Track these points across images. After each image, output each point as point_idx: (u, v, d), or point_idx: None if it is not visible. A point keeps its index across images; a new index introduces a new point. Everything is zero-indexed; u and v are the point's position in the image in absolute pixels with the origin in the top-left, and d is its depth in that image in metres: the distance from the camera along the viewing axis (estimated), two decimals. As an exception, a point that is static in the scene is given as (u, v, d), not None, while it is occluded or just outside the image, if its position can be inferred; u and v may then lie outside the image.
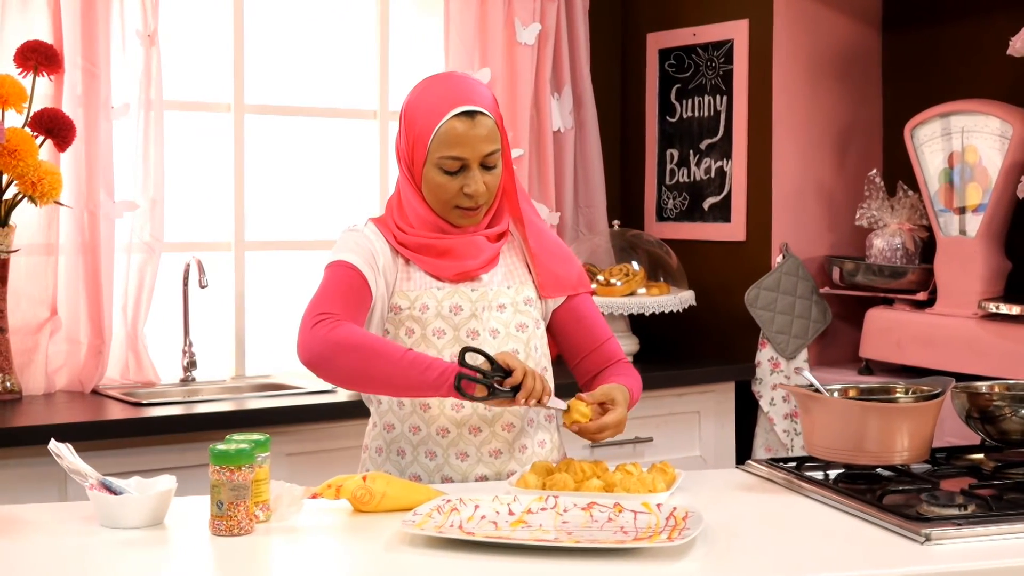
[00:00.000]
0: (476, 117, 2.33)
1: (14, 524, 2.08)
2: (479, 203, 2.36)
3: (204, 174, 3.88)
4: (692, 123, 4.35)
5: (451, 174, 2.34)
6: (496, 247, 2.45)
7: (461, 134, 2.32)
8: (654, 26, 4.46)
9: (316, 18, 4.05)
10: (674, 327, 4.35)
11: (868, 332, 3.97)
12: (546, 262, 2.47)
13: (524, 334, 2.43)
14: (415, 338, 2.38)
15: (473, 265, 2.41)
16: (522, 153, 4.17)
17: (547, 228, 2.54)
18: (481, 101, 2.35)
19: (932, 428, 2.38)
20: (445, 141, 2.33)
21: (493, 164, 2.36)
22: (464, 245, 2.41)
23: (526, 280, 2.48)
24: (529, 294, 2.46)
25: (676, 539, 1.90)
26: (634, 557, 1.89)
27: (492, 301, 2.42)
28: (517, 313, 2.44)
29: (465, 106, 2.33)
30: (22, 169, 3.24)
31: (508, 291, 2.44)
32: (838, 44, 4.18)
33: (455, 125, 2.32)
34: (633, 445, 3.88)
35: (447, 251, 2.40)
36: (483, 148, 2.33)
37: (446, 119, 2.32)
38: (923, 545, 1.95)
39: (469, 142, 2.32)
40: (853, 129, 4.23)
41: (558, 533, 1.99)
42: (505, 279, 2.45)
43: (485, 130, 2.34)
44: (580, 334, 2.51)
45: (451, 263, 2.40)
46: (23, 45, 3.40)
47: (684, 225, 4.38)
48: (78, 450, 3.03)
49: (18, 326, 3.46)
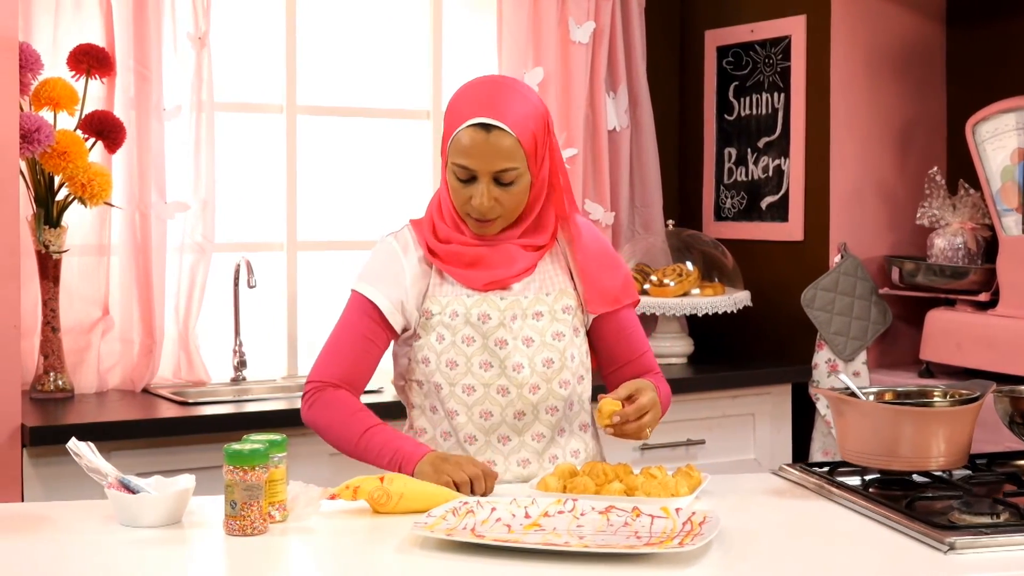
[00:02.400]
0: (492, 131, 2.29)
1: (34, 521, 2.10)
2: (487, 217, 2.33)
3: (256, 175, 3.91)
4: (750, 121, 4.28)
5: (462, 181, 2.32)
6: (533, 257, 2.41)
7: (472, 145, 2.29)
8: (712, 23, 4.40)
9: (368, 18, 4.06)
10: (730, 328, 4.28)
11: (928, 334, 3.87)
12: (593, 275, 2.43)
13: (560, 343, 2.40)
14: (445, 344, 2.37)
15: (504, 274, 2.38)
16: (576, 152, 4.14)
17: (595, 235, 2.48)
18: (507, 116, 2.29)
19: (970, 433, 2.31)
20: (458, 149, 2.31)
21: (509, 181, 2.31)
22: (496, 254, 2.38)
23: (567, 288, 2.44)
24: (568, 302, 2.42)
25: (687, 545, 1.87)
26: (645, 562, 1.85)
27: (527, 309, 2.39)
28: (554, 321, 2.41)
29: (482, 118, 2.28)
30: (72, 171, 3.29)
31: (546, 299, 2.41)
32: (899, 39, 4.09)
33: (469, 135, 2.29)
34: (686, 447, 3.83)
35: (477, 260, 2.38)
36: (495, 164, 2.29)
37: (463, 127, 2.30)
38: (946, 554, 1.89)
39: (479, 155, 2.29)
40: (915, 126, 4.13)
41: (570, 537, 1.96)
42: (543, 287, 2.42)
43: (500, 146, 2.28)
44: (619, 345, 2.47)
45: (480, 272, 2.38)
46: (76, 49, 3.45)
47: (742, 225, 4.32)
48: (125, 448, 3.11)
49: (71, 325, 3.51)
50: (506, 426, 2.38)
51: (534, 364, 2.38)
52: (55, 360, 3.41)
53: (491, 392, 2.37)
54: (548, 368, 2.37)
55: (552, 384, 2.38)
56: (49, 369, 3.40)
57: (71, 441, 2.11)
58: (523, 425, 2.39)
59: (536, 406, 2.39)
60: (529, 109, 2.33)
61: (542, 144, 2.35)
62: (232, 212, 3.84)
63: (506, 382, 2.37)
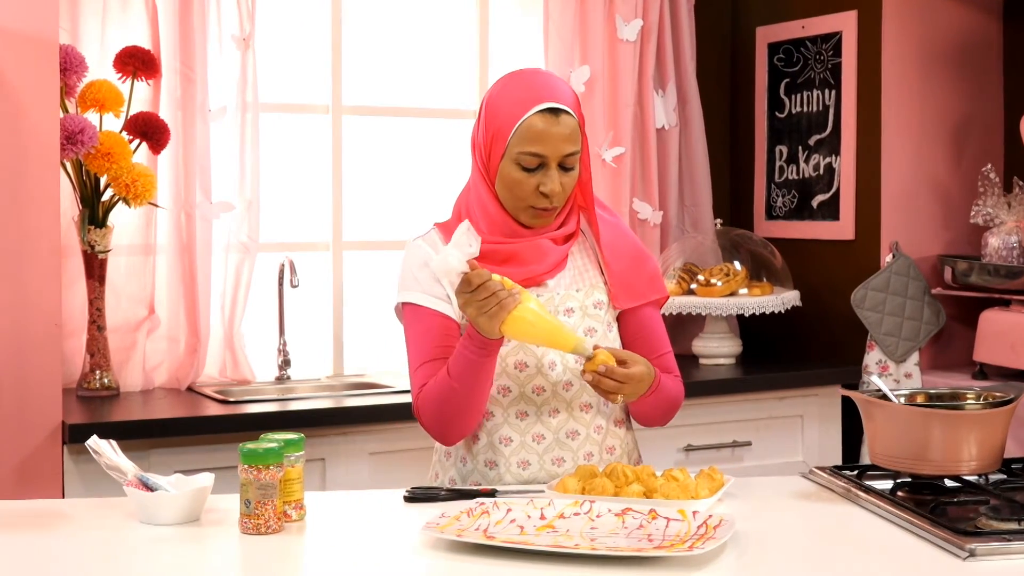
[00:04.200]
0: (560, 115, 2.28)
1: (55, 518, 2.13)
2: (554, 204, 2.32)
3: (300, 175, 3.93)
4: (801, 118, 4.22)
5: (529, 171, 2.30)
6: (563, 250, 2.39)
7: (543, 131, 2.27)
8: (763, 19, 4.35)
9: (414, 18, 4.06)
10: (780, 329, 4.23)
11: (982, 335, 3.79)
12: (619, 269, 2.41)
13: (592, 339, 2.37)
14: None
15: (539, 270, 2.37)
16: (624, 151, 4.11)
17: (622, 228, 2.46)
18: (566, 100, 2.30)
19: (1003, 437, 2.25)
20: (527, 137, 2.28)
21: (572, 165, 2.31)
22: (529, 249, 2.36)
23: (597, 283, 2.42)
24: (600, 297, 2.41)
25: (696, 549, 1.84)
26: (654, 565, 1.83)
27: (559, 305, 2.38)
28: (586, 317, 2.39)
29: (550, 103, 2.28)
30: (116, 171, 3.33)
31: (577, 295, 2.39)
32: (953, 34, 4.00)
33: (538, 121, 2.28)
34: (731, 449, 3.79)
35: (511, 257, 2.36)
36: (564, 148, 2.29)
37: (529, 114, 2.28)
38: (964, 561, 1.85)
39: (551, 140, 2.28)
40: (970, 123, 4.04)
41: (581, 539, 1.94)
42: (574, 282, 2.40)
43: (568, 130, 2.29)
44: (639, 341, 2.43)
45: (515, 269, 2.35)
46: (121, 51, 3.50)
47: (793, 224, 4.26)
48: (166, 446, 3.14)
49: (118, 324, 3.56)
50: (541, 425, 2.36)
51: (567, 361, 2.35)
52: (100, 359, 3.45)
53: (527, 392, 2.36)
54: (580, 364, 2.33)
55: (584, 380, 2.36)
56: (95, 367, 3.45)
57: (91, 439, 2.13)
58: (557, 424, 2.37)
59: (570, 403, 2.37)
60: (574, 94, 2.35)
61: (584, 128, 2.36)
62: (277, 212, 3.86)
63: (542, 381, 2.35)
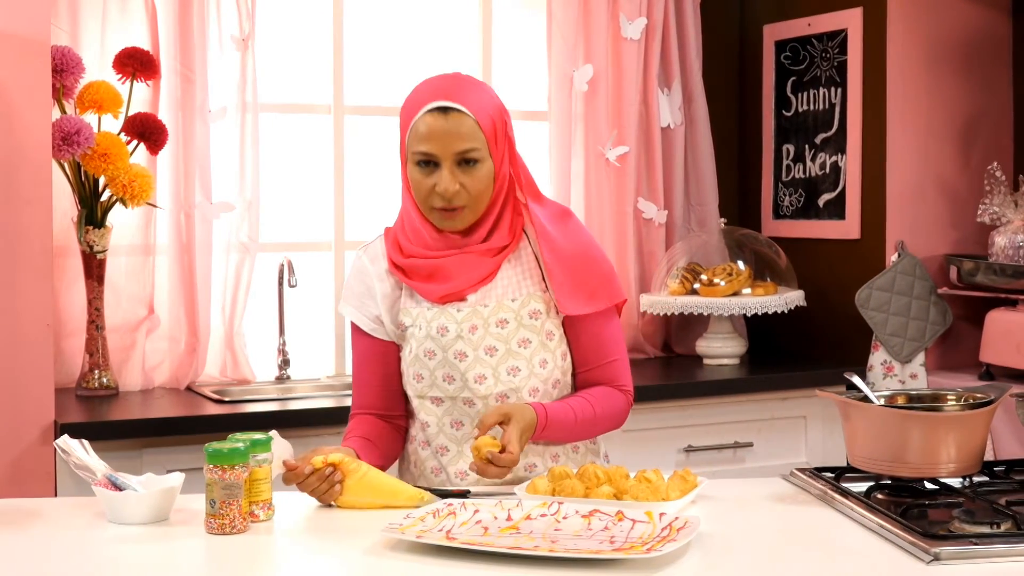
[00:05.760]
0: (450, 113, 2.26)
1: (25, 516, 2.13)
2: (454, 204, 2.28)
3: (301, 175, 3.93)
4: (807, 117, 4.19)
5: (424, 170, 2.29)
6: (495, 262, 2.35)
7: (431, 129, 2.27)
8: (770, 17, 4.31)
9: (417, 16, 4.06)
10: (786, 329, 4.20)
11: (988, 335, 3.74)
12: (563, 275, 2.34)
13: (527, 350, 2.34)
14: (411, 357, 2.36)
15: (460, 285, 2.33)
16: (628, 150, 4.09)
17: (571, 228, 2.40)
18: (460, 98, 2.27)
19: (983, 439, 2.22)
20: (416, 136, 2.28)
21: (472, 160, 2.27)
22: (454, 265, 2.33)
23: (535, 292, 2.36)
24: (536, 307, 2.35)
25: (654, 552, 1.82)
26: (614, 567, 1.81)
27: (489, 319, 2.33)
28: (520, 328, 2.34)
29: (439, 101, 2.27)
30: (113, 172, 3.34)
31: (512, 304, 2.35)
32: (961, 30, 3.95)
33: (427, 120, 2.27)
34: (733, 450, 3.76)
35: (434, 272, 2.34)
36: (455, 145, 2.26)
37: (419, 114, 2.28)
38: (928, 565, 1.82)
39: (439, 138, 2.26)
40: (978, 121, 3.99)
41: (542, 541, 1.93)
42: (507, 292, 2.35)
43: (460, 127, 2.26)
44: (586, 347, 2.39)
45: (436, 286, 2.34)
46: (120, 52, 3.51)
47: (799, 223, 4.22)
48: (166, 444, 3.15)
49: (117, 324, 3.58)
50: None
51: (498, 374, 2.33)
52: (99, 358, 3.47)
53: (458, 403, 2.35)
54: (515, 376, 2.33)
55: (522, 393, 2.34)
56: (94, 367, 3.46)
57: (61, 438, 2.14)
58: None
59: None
60: (487, 98, 2.32)
61: (502, 134, 2.31)
62: (278, 212, 3.87)
63: (469, 394, 2.34)
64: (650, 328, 4.20)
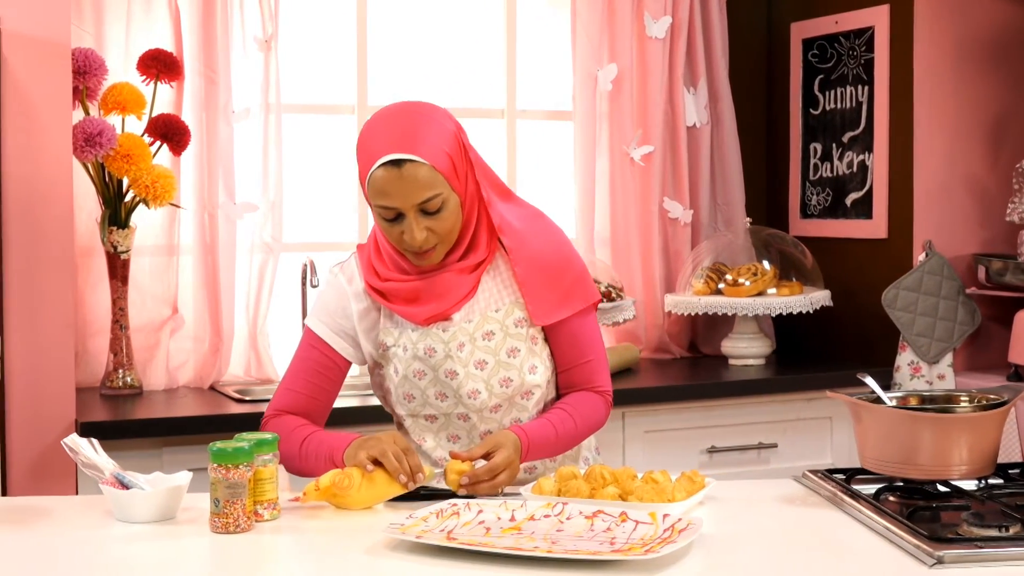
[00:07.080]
0: (404, 166, 2.19)
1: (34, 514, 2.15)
2: (424, 249, 2.26)
3: (327, 175, 3.95)
4: (835, 115, 4.15)
5: (390, 221, 2.25)
6: (473, 278, 2.33)
7: (387, 184, 2.20)
8: (797, 15, 4.28)
9: (441, 16, 4.06)
10: (813, 329, 4.17)
11: (1017, 335, 3.69)
12: (535, 285, 2.33)
13: (516, 359, 2.33)
14: (400, 378, 2.35)
15: (443, 306, 2.31)
16: (653, 149, 4.08)
17: (543, 236, 2.37)
18: (415, 146, 2.19)
19: (996, 440, 2.19)
20: (375, 191, 2.23)
21: (436, 209, 2.22)
22: (432, 286, 2.31)
23: (517, 299, 2.35)
24: (520, 314, 2.34)
25: (652, 553, 1.81)
26: (615, 568, 1.80)
27: (474, 333, 2.32)
28: (508, 338, 2.33)
29: (392, 155, 2.19)
30: (136, 173, 3.37)
31: (496, 315, 2.34)
32: (989, 27, 3.90)
33: (382, 175, 2.20)
34: (757, 451, 3.73)
35: (416, 295, 2.32)
36: (414, 197, 2.20)
37: (373, 169, 2.22)
38: (930, 568, 1.79)
39: (396, 192, 2.20)
40: (1008, 119, 3.94)
41: (542, 542, 1.92)
42: (490, 304, 2.34)
43: (416, 178, 2.19)
44: (563, 348, 2.38)
45: (420, 308, 2.32)
46: (144, 54, 3.54)
47: (827, 222, 4.18)
48: (186, 443, 3.17)
49: (141, 324, 3.60)
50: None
51: (491, 387, 2.32)
52: (123, 358, 3.50)
53: (452, 419, 2.36)
54: (507, 387, 2.32)
55: (515, 399, 2.34)
56: (118, 366, 3.49)
57: (69, 437, 2.15)
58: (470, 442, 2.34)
59: (501, 423, 2.36)
60: (437, 133, 2.23)
61: (460, 161, 2.25)
62: (301, 212, 3.88)
63: (464, 409, 2.34)
64: (675, 328, 4.18)
